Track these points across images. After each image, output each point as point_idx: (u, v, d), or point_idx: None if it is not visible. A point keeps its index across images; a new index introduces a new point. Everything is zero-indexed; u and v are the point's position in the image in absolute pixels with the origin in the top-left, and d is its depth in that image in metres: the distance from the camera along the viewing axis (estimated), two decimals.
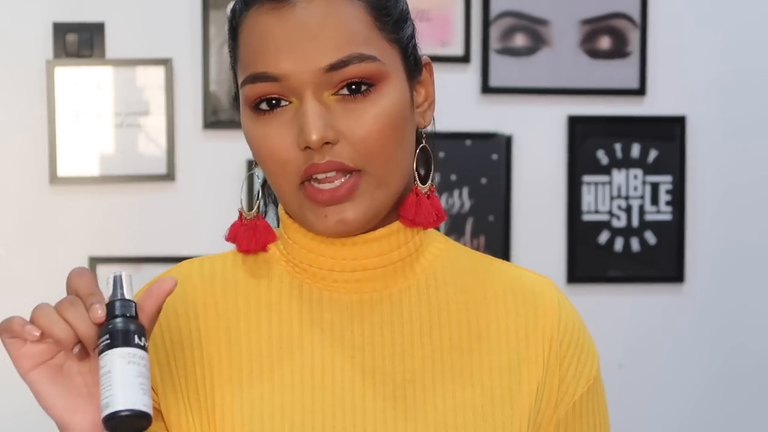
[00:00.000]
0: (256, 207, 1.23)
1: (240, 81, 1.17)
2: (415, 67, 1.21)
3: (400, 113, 1.17)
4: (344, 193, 1.14)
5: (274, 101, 1.15)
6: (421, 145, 1.23)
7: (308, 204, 1.16)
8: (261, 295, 1.21)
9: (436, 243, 1.26)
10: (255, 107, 1.16)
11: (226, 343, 1.19)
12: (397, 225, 1.22)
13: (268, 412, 1.16)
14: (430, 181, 1.23)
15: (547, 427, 1.22)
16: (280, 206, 1.26)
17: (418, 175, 1.22)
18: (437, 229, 1.28)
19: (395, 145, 1.16)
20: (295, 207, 1.17)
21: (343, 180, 1.14)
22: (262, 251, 1.23)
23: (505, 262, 1.30)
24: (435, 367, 1.19)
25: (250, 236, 1.22)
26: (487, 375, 1.20)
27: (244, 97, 1.16)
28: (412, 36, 1.22)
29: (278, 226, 1.26)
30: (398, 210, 1.22)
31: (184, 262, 1.26)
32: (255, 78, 1.15)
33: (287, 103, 1.15)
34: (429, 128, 1.26)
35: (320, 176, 1.14)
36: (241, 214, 1.23)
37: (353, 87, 1.14)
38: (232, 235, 1.23)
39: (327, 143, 1.13)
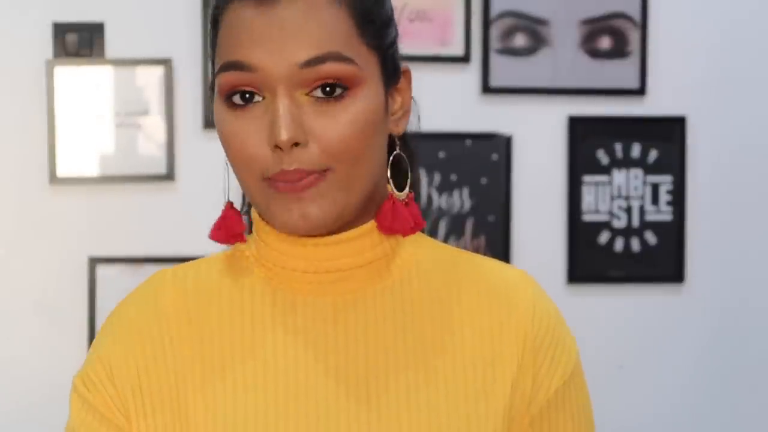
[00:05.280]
0: (226, 197, 1.23)
1: (216, 70, 1.17)
2: (393, 73, 1.21)
3: (373, 120, 1.16)
4: (305, 185, 1.13)
5: (247, 95, 1.14)
6: (395, 152, 1.22)
7: (273, 194, 1.15)
8: (234, 302, 1.21)
9: (410, 242, 1.25)
10: (228, 99, 1.15)
11: (199, 352, 1.19)
12: (370, 226, 1.21)
13: (242, 421, 1.16)
14: (408, 189, 1.22)
15: (520, 421, 1.21)
16: (253, 209, 1.25)
17: (394, 182, 1.22)
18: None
19: (363, 149, 1.15)
20: (260, 200, 1.16)
21: (306, 178, 1.14)
22: (234, 241, 1.22)
23: (479, 256, 1.29)
24: (409, 368, 1.18)
25: (218, 225, 1.22)
26: (461, 374, 1.19)
27: (218, 86, 1.16)
28: (394, 42, 1.22)
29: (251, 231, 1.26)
30: (375, 217, 1.21)
31: (158, 272, 1.26)
32: (229, 66, 1.14)
33: (260, 98, 1.14)
34: (412, 128, 1.25)
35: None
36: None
37: (327, 89, 1.14)
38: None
39: (296, 144, 1.12)
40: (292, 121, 1.12)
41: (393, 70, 1.21)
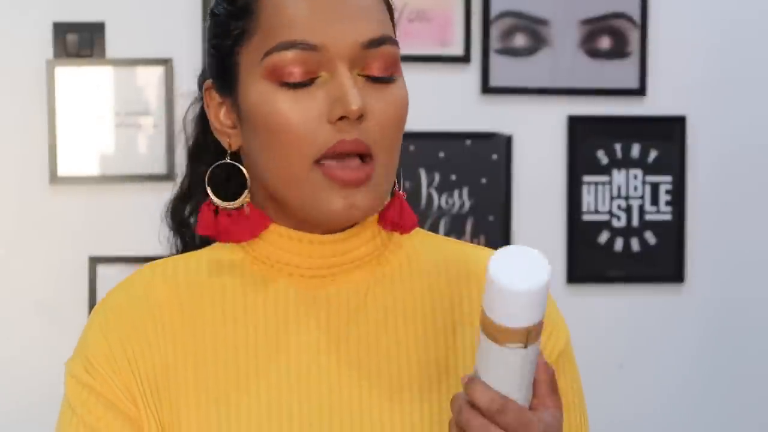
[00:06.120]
0: (243, 197, 1.20)
1: (264, 50, 1.14)
2: None
3: (407, 109, 1.18)
4: (364, 177, 1.14)
5: (300, 77, 1.13)
6: None
7: (327, 183, 1.14)
8: (226, 296, 1.21)
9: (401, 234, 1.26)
10: (279, 80, 1.14)
11: (192, 347, 1.18)
12: (369, 221, 1.22)
13: (235, 414, 1.16)
14: (402, 188, 1.24)
15: None
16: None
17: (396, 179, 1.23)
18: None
19: (399, 138, 1.18)
20: (304, 187, 1.15)
21: (360, 165, 1.14)
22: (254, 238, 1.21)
23: (468, 245, 1.30)
24: (401, 358, 1.19)
25: (242, 225, 1.20)
26: (452, 361, 1.20)
27: (270, 66, 1.14)
28: None
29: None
30: (380, 212, 1.22)
31: (147, 265, 1.25)
32: (290, 45, 1.13)
33: (311, 78, 1.14)
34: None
35: (343, 155, 1.13)
36: (216, 206, 1.21)
37: (378, 72, 1.15)
38: (212, 227, 1.21)
39: (360, 116, 1.13)
40: (359, 93, 1.13)
41: None
